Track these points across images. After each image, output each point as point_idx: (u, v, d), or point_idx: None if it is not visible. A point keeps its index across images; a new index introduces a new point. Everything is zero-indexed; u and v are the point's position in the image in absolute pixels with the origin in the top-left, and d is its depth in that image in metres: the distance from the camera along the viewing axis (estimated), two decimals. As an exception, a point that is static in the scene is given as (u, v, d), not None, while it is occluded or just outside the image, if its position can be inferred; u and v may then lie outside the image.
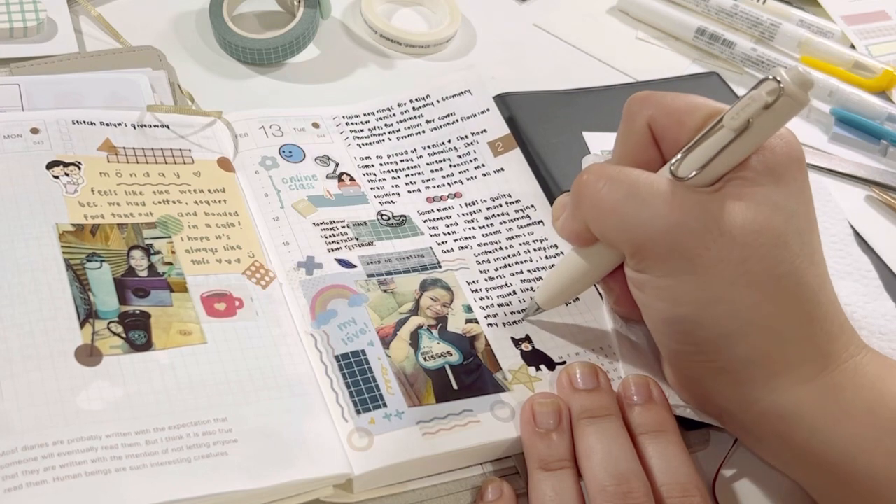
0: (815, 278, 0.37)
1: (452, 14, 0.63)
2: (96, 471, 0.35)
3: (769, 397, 0.38)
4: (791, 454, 0.39)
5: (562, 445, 0.39)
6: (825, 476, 0.38)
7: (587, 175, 0.39)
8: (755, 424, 0.39)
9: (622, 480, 0.37)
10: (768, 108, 0.35)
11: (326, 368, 0.41)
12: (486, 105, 0.54)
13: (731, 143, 0.36)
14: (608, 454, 0.38)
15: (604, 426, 0.39)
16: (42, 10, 0.54)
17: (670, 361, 0.41)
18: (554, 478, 0.38)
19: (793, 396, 0.37)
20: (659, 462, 0.38)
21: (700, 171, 0.37)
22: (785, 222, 0.36)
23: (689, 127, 0.38)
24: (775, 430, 0.38)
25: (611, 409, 0.40)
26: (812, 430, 0.37)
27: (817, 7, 0.72)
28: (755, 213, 0.36)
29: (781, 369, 0.37)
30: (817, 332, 0.37)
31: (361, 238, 0.47)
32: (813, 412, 0.37)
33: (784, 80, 0.35)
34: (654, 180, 0.37)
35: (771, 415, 0.38)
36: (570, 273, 0.42)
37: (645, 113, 0.40)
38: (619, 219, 0.38)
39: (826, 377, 0.37)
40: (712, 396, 0.40)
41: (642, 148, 0.40)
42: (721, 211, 0.36)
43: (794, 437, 0.38)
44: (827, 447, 0.37)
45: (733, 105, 0.36)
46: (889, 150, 0.61)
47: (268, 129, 0.51)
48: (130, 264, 0.42)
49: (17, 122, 0.46)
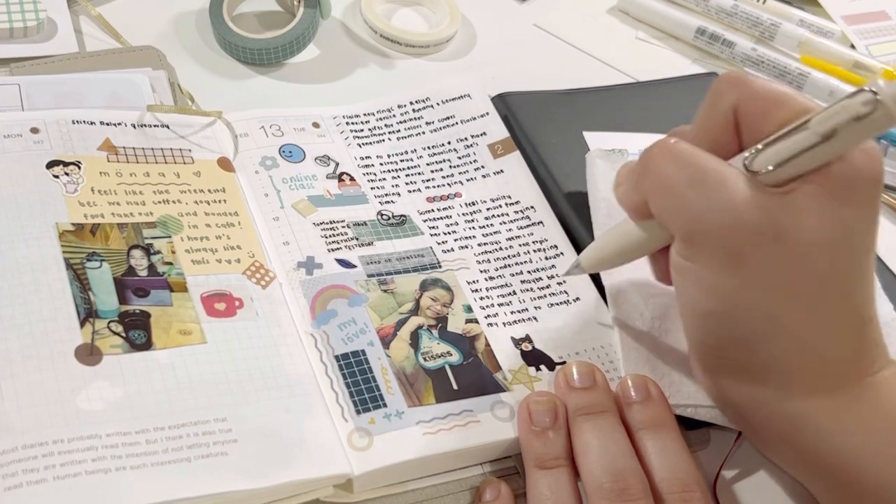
0: (861, 300, 0.37)
1: (452, 14, 0.63)
2: (96, 470, 0.35)
3: (781, 402, 0.38)
4: (798, 458, 0.39)
5: (558, 443, 0.39)
6: (831, 482, 0.38)
7: (657, 149, 0.38)
8: (764, 425, 0.39)
9: (619, 477, 0.37)
10: (860, 119, 0.33)
11: (326, 368, 0.41)
12: (485, 109, 0.54)
13: (813, 148, 0.34)
14: (605, 451, 0.38)
15: (600, 422, 0.39)
16: (42, 10, 0.54)
17: (694, 351, 0.41)
18: (550, 476, 0.38)
19: (803, 404, 0.37)
20: (658, 457, 0.38)
21: (775, 168, 0.35)
22: (845, 240, 0.36)
23: (774, 119, 0.36)
24: (784, 432, 0.38)
25: (607, 406, 0.40)
26: (819, 435, 0.37)
27: (817, 7, 0.72)
28: (816, 226, 0.35)
29: (800, 377, 0.37)
30: (847, 349, 0.37)
31: (361, 238, 0.47)
32: (822, 420, 0.37)
33: (882, 91, 0.33)
34: (723, 170, 0.36)
35: (780, 417, 0.38)
36: (621, 242, 0.41)
37: (732, 96, 0.38)
38: (678, 202, 0.37)
39: (843, 390, 0.37)
40: (727, 392, 0.40)
41: (722, 131, 0.38)
42: (783, 216, 0.35)
43: (800, 442, 0.38)
44: (835, 454, 0.37)
45: (824, 109, 0.35)
46: (889, 150, 0.61)
47: (268, 129, 0.51)
48: (130, 264, 0.42)
49: (17, 122, 0.46)
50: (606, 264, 0.43)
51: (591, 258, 0.43)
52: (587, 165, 0.50)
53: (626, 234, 0.41)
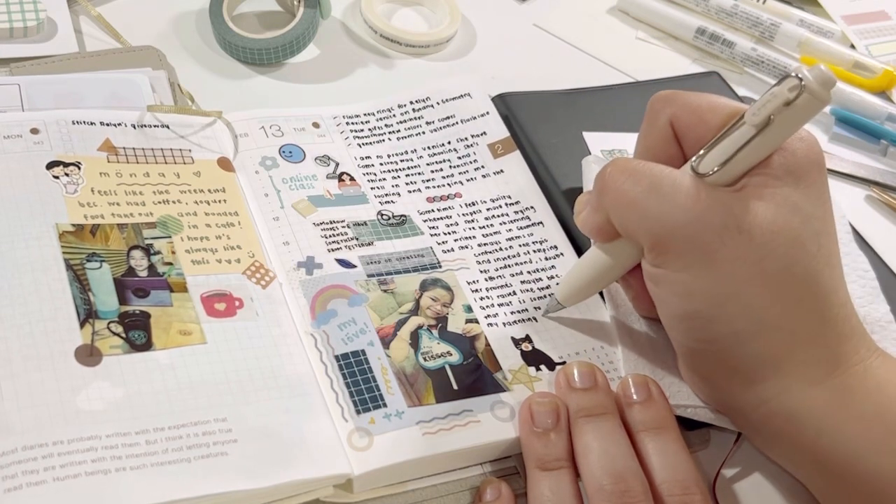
0: (829, 280, 0.37)
1: (452, 14, 0.63)
2: (96, 471, 0.35)
3: (779, 397, 0.38)
4: (798, 454, 0.39)
5: (559, 445, 0.39)
6: (831, 476, 0.38)
7: (611, 168, 0.39)
8: (764, 424, 0.39)
9: (619, 479, 0.37)
10: (789, 104, 0.35)
11: (326, 368, 0.41)
12: (485, 108, 0.54)
13: (751, 140, 0.36)
14: (605, 452, 0.38)
15: (601, 424, 0.39)
16: (42, 10, 0.54)
17: (684, 358, 0.41)
18: (551, 477, 0.38)
19: (802, 397, 0.37)
20: (658, 459, 0.38)
21: (721, 167, 0.37)
22: (802, 224, 0.37)
23: (711, 125, 0.38)
24: (783, 430, 0.38)
25: (608, 407, 0.40)
26: (820, 430, 0.37)
27: (817, 7, 0.72)
28: (774, 214, 0.36)
29: (792, 370, 0.37)
30: (829, 333, 0.37)
31: (361, 238, 0.47)
32: (821, 413, 0.37)
33: (806, 77, 0.35)
34: (676, 176, 0.38)
35: (780, 415, 0.38)
36: (592, 268, 0.42)
37: (667, 111, 0.40)
38: (640, 212, 0.38)
39: (836, 379, 0.37)
40: (723, 394, 0.40)
41: (664, 145, 0.40)
42: (741, 209, 0.36)
43: (801, 438, 0.38)
44: (834, 447, 0.37)
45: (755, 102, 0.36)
46: (889, 150, 0.61)
47: (268, 129, 0.51)
48: (130, 264, 0.42)
49: (17, 123, 0.46)
50: (583, 295, 0.44)
51: (566, 292, 0.44)
52: (583, 171, 0.50)
53: (596, 260, 0.42)
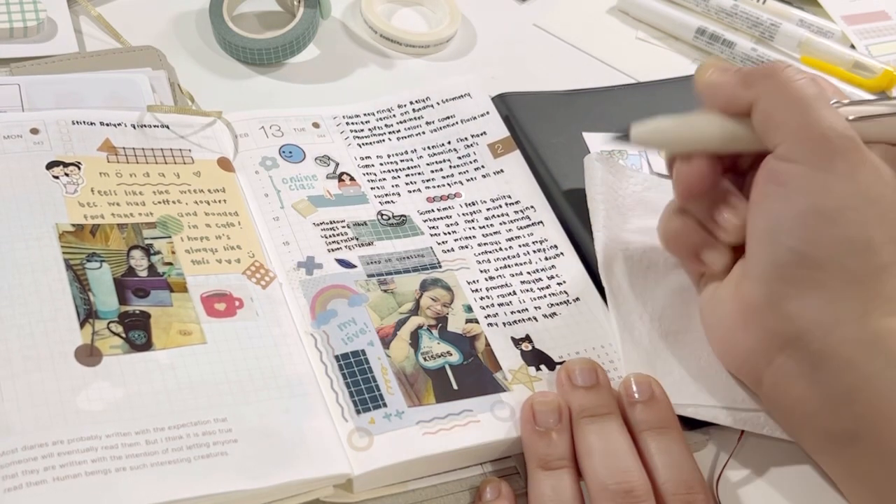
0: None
1: (452, 14, 0.63)
2: (96, 471, 0.35)
3: (859, 320, 0.37)
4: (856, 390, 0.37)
5: (561, 444, 0.39)
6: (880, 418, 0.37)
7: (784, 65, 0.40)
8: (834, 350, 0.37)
9: (623, 478, 0.37)
10: None
11: (326, 368, 0.41)
12: (485, 108, 0.54)
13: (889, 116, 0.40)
14: (608, 453, 0.38)
15: (604, 425, 0.39)
16: (42, 10, 0.54)
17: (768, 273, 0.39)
18: (553, 477, 0.38)
19: (881, 324, 0.37)
20: (661, 458, 0.38)
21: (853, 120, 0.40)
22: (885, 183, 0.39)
23: None
24: (851, 358, 0.37)
25: (611, 407, 0.40)
26: (889, 361, 0.36)
27: (817, 7, 0.72)
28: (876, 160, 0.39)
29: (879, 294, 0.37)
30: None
31: (361, 238, 0.47)
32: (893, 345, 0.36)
33: None
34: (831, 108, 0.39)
35: (852, 340, 0.37)
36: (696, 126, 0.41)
37: None
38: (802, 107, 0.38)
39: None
40: (793, 317, 0.38)
41: None
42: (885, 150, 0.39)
43: (868, 368, 0.37)
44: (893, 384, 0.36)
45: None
46: None
47: (268, 130, 0.51)
48: (130, 264, 0.42)
49: (16, 123, 0.46)
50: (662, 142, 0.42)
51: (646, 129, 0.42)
52: (585, 168, 0.50)
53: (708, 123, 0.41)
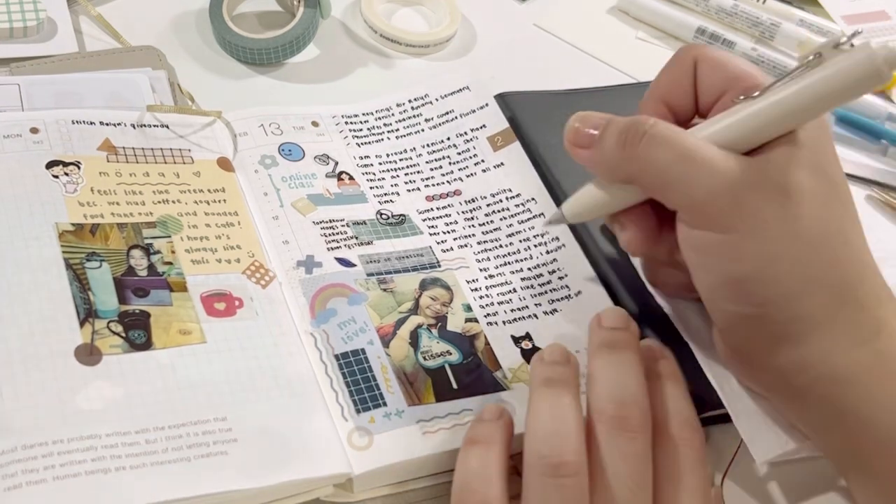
0: (860, 241, 0.38)
1: (452, 14, 0.63)
2: (96, 470, 0.35)
3: (824, 361, 0.37)
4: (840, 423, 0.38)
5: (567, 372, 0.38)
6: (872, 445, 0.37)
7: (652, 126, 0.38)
8: (808, 390, 0.38)
9: (622, 406, 0.36)
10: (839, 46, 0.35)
11: (326, 367, 0.41)
12: (484, 100, 0.54)
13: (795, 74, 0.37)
14: (616, 381, 0.37)
15: (619, 356, 0.38)
16: (42, 10, 0.54)
17: (725, 329, 0.40)
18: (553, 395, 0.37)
19: (847, 360, 0.37)
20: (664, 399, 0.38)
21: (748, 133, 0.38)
22: (830, 187, 0.37)
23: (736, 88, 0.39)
24: (827, 395, 0.37)
25: (633, 345, 0.39)
26: (862, 396, 0.37)
27: (817, 7, 0.72)
28: (805, 175, 0.37)
29: (837, 331, 0.37)
30: (869, 294, 0.38)
31: (361, 237, 0.47)
32: (866, 378, 0.37)
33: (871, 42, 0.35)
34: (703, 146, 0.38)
35: (824, 379, 0.37)
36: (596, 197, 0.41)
37: (694, 52, 0.41)
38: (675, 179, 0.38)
39: (880, 343, 0.37)
40: (764, 364, 0.39)
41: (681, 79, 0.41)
42: (776, 172, 0.37)
43: (844, 403, 0.37)
44: (876, 414, 0.37)
45: None
46: (889, 150, 0.61)
47: (267, 128, 0.51)
48: (130, 264, 0.42)
49: (16, 122, 0.46)
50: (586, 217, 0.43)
51: (574, 210, 0.43)
52: None
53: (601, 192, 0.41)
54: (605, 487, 0.35)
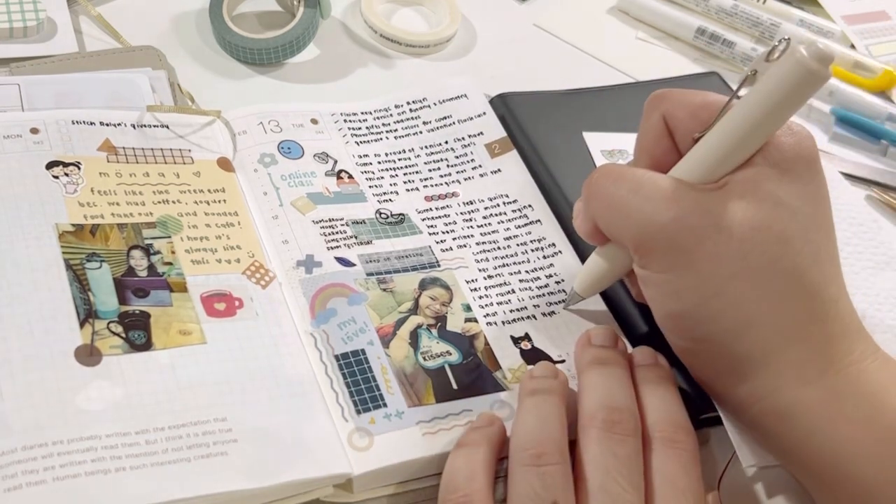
0: (818, 276, 0.37)
1: (452, 14, 0.63)
2: (96, 470, 0.35)
3: (771, 396, 0.38)
4: (790, 454, 0.39)
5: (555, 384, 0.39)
6: (819, 478, 0.38)
7: (597, 174, 0.40)
8: (758, 421, 0.39)
9: (613, 411, 0.37)
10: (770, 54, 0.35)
11: (326, 368, 0.41)
12: (482, 109, 0.54)
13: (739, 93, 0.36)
14: (606, 391, 0.38)
15: (608, 370, 0.39)
16: (42, 10, 0.54)
17: (680, 356, 0.41)
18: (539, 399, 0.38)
19: (794, 396, 0.37)
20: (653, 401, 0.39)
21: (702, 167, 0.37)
22: (788, 219, 0.37)
23: (702, 120, 0.39)
24: (776, 428, 0.38)
25: (620, 361, 0.40)
26: (810, 431, 0.37)
27: (817, 7, 0.72)
28: (755, 210, 0.36)
29: (783, 368, 0.37)
30: (818, 332, 0.37)
31: (360, 236, 0.47)
32: (813, 414, 0.37)
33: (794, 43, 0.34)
34: (658, 178, 0.38)
35: (772, 414, 0.38)
36: (596, 267, 0.43)
37: (661, 107, 0.40)
38: (622, 215, 0.38)
39: (828, 380, 0.37)
40: (719, 392, 0.40)
41: (658, 140, 0.41)
42: (720, 208, 0.36)
43: (792, 437, 0.38)
44: (822, 450, 0.37)
45: None
46: (889, 150, 0.61)
47: (266, 126, 0.51)
48: (130, 264, 0.42)
49: (16, 122, 0.46)
50: (597, 288, 0.44)
51: (583, 284, 0.44)
52: None
53: (598, 262, 0.43)
54: (597, 488, 0.35)
